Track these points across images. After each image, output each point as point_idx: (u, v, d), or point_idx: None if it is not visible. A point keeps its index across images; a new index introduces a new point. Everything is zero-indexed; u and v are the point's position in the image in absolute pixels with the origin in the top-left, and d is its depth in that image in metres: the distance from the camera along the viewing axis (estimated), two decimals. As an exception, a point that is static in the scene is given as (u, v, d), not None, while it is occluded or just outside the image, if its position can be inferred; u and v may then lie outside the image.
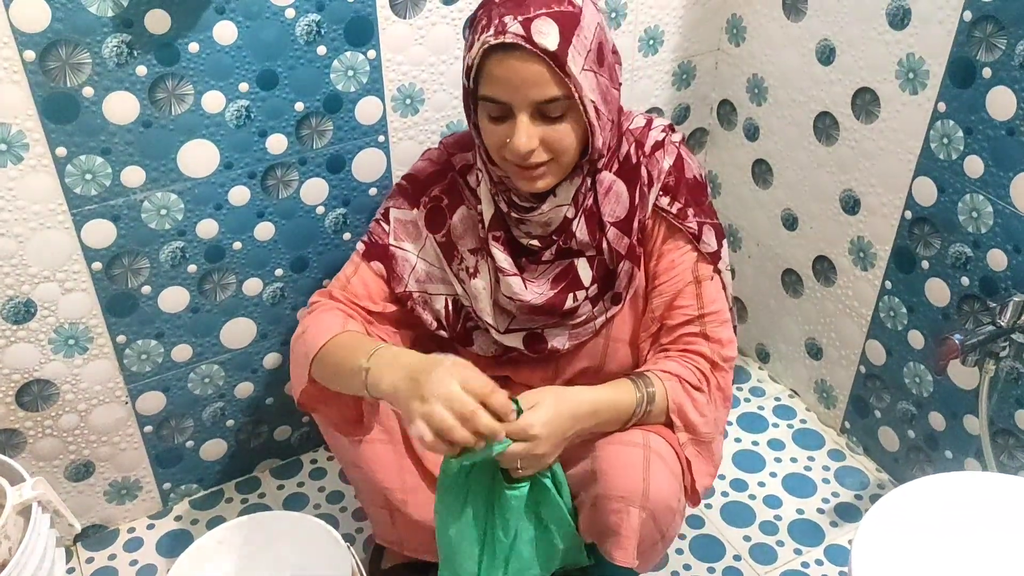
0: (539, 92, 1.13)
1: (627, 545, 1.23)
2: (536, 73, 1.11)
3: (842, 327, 1.78)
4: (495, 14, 1.13)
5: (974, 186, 1.44)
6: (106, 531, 1.71)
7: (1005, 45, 1.34)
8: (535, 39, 1.10)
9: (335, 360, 1.22)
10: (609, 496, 1.22)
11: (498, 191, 1.27)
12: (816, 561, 1.64)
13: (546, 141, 1.16)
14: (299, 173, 1.53)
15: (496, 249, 1.29)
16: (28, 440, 1.53)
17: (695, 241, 1.28)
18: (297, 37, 1.41)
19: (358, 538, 1.69)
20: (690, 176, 1.30)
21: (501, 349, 1.37)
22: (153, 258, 1.48)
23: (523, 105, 1.14)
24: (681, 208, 1.27)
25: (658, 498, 1.22)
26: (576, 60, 1.11)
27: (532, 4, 1.12)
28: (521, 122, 1.15)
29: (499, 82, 1.15)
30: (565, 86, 1.12)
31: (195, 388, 1.65)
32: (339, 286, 1.36)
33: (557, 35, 1.10)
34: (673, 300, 1.30)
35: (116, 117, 1.34)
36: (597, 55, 1.15)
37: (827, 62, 1.61)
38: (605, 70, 1.16)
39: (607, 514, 1.23)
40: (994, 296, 1.46)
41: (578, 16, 1.13)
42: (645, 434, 1.25)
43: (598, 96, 1.15)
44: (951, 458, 1.64)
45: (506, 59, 1.13)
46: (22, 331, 1.43)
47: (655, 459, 1.23)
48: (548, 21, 1.10)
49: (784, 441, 1.88)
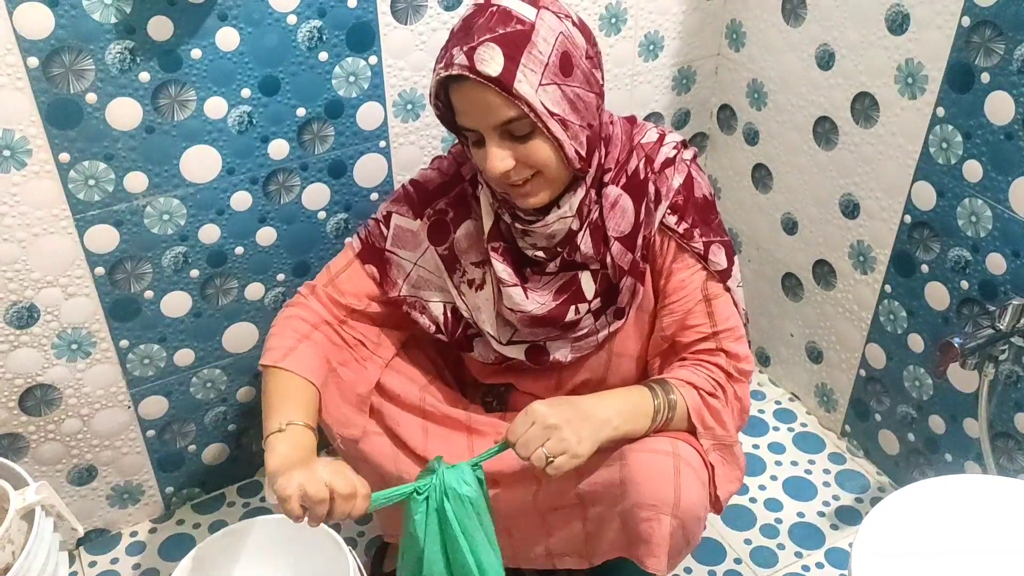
0: (495, 116, 1.14)
1: (659, 553, 1.22)
2: (487, 100, 1.13)
3: (842, 331, 1.79)
4: (449, 46, 1.15)
5: (973, 190, 1.45)
6: (109, 535, 1.71)
7: (1003, 50, 1.34)
8: (478, 67, 1.11)
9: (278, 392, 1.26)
10: (641, 504, 1.22)
11: (502, 205, 1.28)
12: (817, 564, 1.64)
13: (521, 159, 1.17)
14: (301, 178, 1.53)
15: (496, 260, 1.30)
16: (31, 445, 1.54)
17: (703, 260, 1.28)
18: (299, 43, 1.42)
19: (360, 542, 1.69)
20: (699, 195, 1.29)
21: (501, 356, 1.37)
22: (156, 263, 1.48)
23: (488, 130, 1.16)
24: (688, 228, 1.27)
25: (688, 507, 1.22)
26: (529, 78, 1.11)
27: (478, 31, 1.12)
28: (490, 146, 1.16)
29: (462, 112, 1.17)
30: (517, 107, 1.13)
31: (197, 392, 1.65)
32: (325, 280, 1.37)
33: (501, 59, 1.10)
34: (684, 319, 1.29)
35: (119, 123, 1.35)
36: (560, 66, 1.14)
37: (826, 67, 1.62)
38: (575, 79, 1.15)
39: (638, 522, 1.23)
40: (993, 300, 1.47)
41: (528, 33, 1.12)
42: (673, 442, 1.25)
43: (564, 107, 1.15)
44: (951, 461, 1.64)
45: (459, 90, 1.15)
46: (25, 336, 1.44)
47: (684, 467, 1.23)
48: (491, 47, 1.11)
49: (785, 444, 1.88)
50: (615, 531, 1.27)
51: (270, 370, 1.28)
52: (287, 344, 1.30)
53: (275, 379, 1.27)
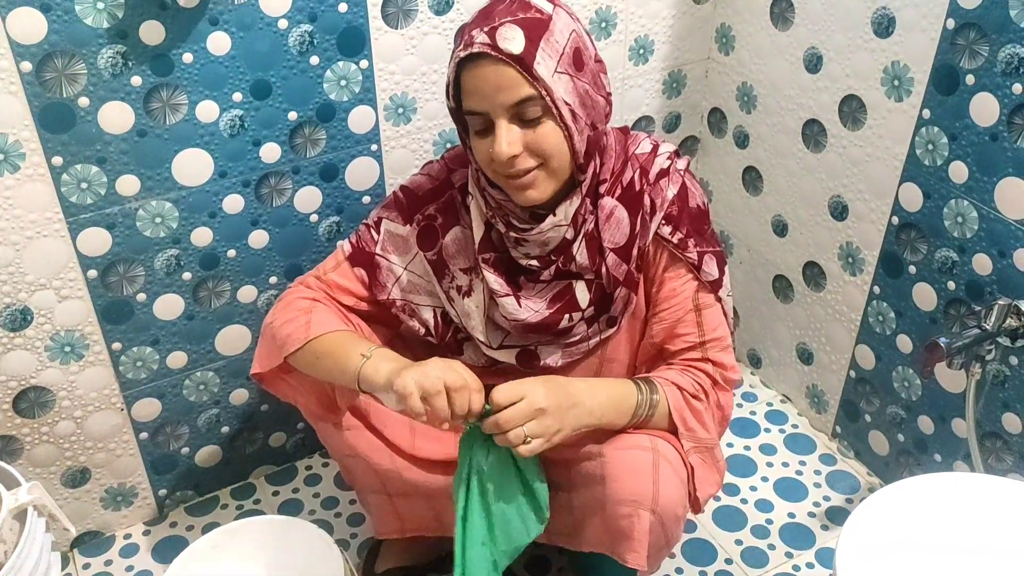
0: (510, 95, 1.14)
1: (639, 548, 1.24)
2: (505, 76, 1.14)
3: (832, 332, 1.80)
4: (466, 31, 1.17)
5: (959, 191, 1.46)
6: (102, 537, 1.72)
7: (987, 52, 1.35)
8: (500, 45, 1.12)
9: (328, 350, 1.26)
10: (620, 500, 1.23)
11: (495, 213, 1.28)
12: (807, 564, 1.65)
13: (529, 145, 1.17)
14: (293, 182, 1.54)
15: (487, 272, 1.30)
16: (25, 447, 1.55)
17: (695, 271, 1.29)
18: (290, 47, 1.43)
19: (352, 543, 1.70)
20: (693, 206, 1.30)
21: (491, 360, 1.38)
22: (148, 266, 1.49)
23: (499, 111, 1.16)
24: (682, 238, 1.28)
25: (667, 502, 1.23)
26: (546, 62, 1.13)
27: (498, 15, 1.15)
28: (500, 128, 1.16)
29: (474, 93, 1.17)
30: (534, 88, 1.14)
31: (190, 395, 1.66)
32: (315, 275, 1.38)
33: (523, 39, 1.13)
34: (674, 328, 1.30)
35: (111, 127, 1.36)
36: (574, 59, 1.16)
37: (814, 70, 1.63)
38: (586, 75, 1.18)
39: (617, 518, 1.24)
40: (979, 300, 1.48)
41: (547, 22, 1.15)
42: (653, 439, 1.26)
43: (575, 99, 1.16)
44: (940, 461, 1.65)
45: (476, 69, 1.16)
46: (19, 338, 1.45)
47: (663, 463, 1.24)
48: (513, 27, 1.13)
49: (776, 446, 1.89)
50: (596, 525, 1.28)
51: (322, 338, 1.26)
52: (300, 321, 1.29)
53: (333, 339, 1.26)
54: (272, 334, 1.32)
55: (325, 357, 1.26)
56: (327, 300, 1.35)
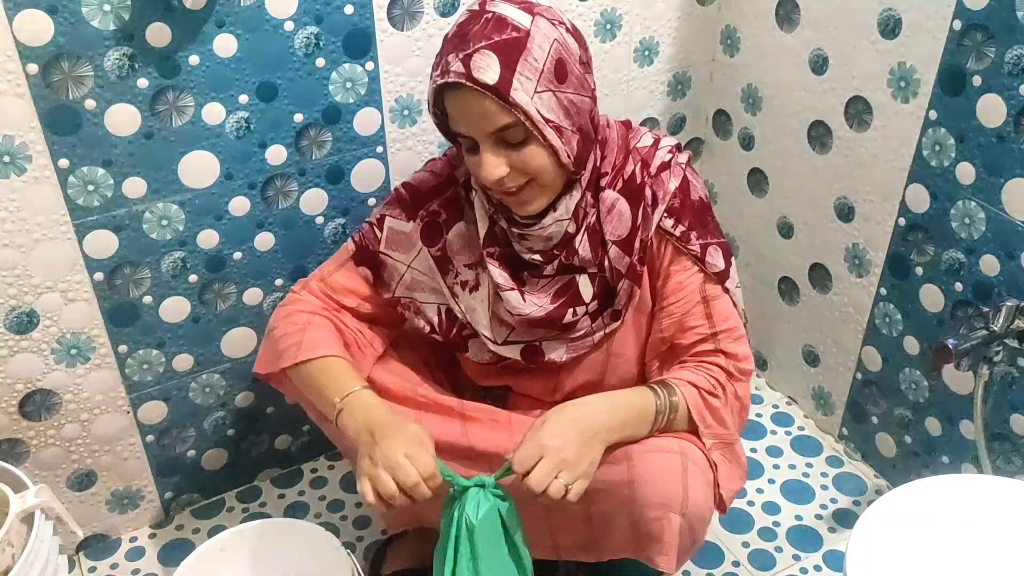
0: (490, 123, 1.14)
1: (669, 551, 1.23)
2: (483, 107, 1.13)
3: (838, 334, 1.80)
4: (444, 52, 1.16)
5: (966, 193, 1.46)
6: (108, 540, 1.72)
7: (994, 53, 1.35)
8: (475, 75, 1.11)
9: (316, 382, 1.29)
10: (650, 504, 1.22)
11: (498, 209, 1.28)
12: (815, 567, 1.64)
13: (515, 166, 1.18)
14: (298, 184, 1.54)
15: (492, 266, 1.30)
16: (31, 450, 1.55)
17: (700, 262, 1.29)
18: (296, 49, 1.43)
19: (359, 546, 1.69)
20: (695, 198, 1.30)
21: (496, 356, 1.38)
22: (154, 268, 1.49)
23: (482, 137, 1.17)
24: (685, 231, 1.28)
25: (695, 505, 1.23)
26: (524, 86, 1.12)
27: (474, 38, 1.13)
28: (484, 153, 1.17)
29: (457, 119, 1.18)
30: (513, 115, 1.13)
31: (196, 397, 1.66)
32: (318, 278, 1.39)
33: (497, 67, 1.11)
34: (683, 321, 1.30)
35: (118, 129, 1.36)
36: (555, 73, 1.14)
37: (820, 71, 1.63)
38: (569, 85, 1.16)
39: (647, 521, 1.23)
40: (987, 301, 1.47)
41: (523, 40, 1.13)
42: (680, 441, 1.26)
43: (559, 113, 1.15)
44: (948, 463, 1.65)
45: (455, 97, 1.16)
46: (25, 341, 1.45)
47: (692, 467, 1.24)
48: (487, 54, 1.11)
49: (782, 448, 1.89)
50: (623, 530, 1.28)
51: (314, 363, 1.30)
52: (295, 339, 1.31)
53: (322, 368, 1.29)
54: (273, 340, 1.35)
55: (308, 387, 1.30)
56: (326, 312, 1.36)
